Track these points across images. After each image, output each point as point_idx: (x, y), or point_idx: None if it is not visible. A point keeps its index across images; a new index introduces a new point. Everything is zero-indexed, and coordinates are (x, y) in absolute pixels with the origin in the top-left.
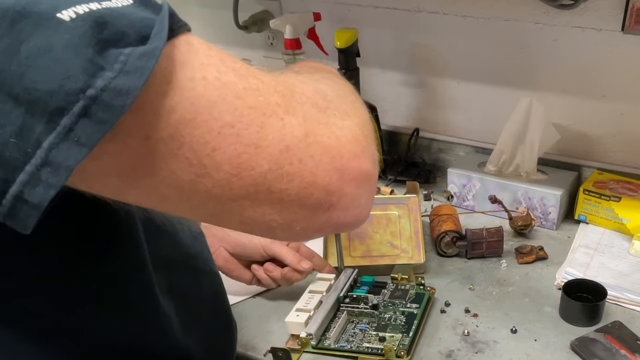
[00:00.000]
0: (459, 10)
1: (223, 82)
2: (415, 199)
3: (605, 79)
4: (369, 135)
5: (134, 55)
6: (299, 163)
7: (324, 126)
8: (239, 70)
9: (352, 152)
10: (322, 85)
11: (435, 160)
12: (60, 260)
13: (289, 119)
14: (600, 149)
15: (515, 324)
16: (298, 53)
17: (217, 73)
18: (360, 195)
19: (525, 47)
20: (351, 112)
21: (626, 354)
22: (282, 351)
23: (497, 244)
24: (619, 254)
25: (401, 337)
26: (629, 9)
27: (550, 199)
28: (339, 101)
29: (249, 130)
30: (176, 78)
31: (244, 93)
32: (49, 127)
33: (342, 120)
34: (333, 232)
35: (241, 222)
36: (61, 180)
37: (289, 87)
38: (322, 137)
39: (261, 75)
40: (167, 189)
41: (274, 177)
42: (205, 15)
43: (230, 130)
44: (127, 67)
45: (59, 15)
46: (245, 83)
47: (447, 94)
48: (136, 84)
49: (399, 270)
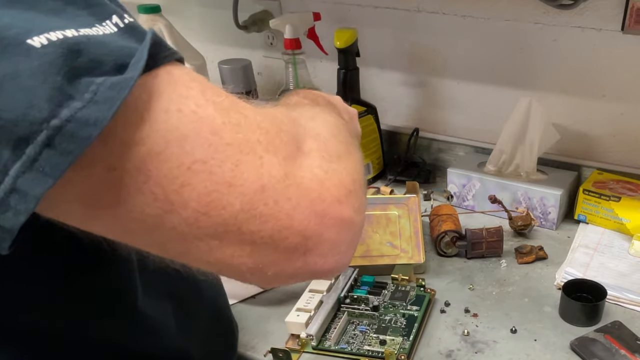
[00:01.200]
0: (459, 10)
1: (200, 116)
2: (415, 199)
3: (605, 79)
4: (359, 181)
5: (106, 85)
6: (274, 204)
7: (306, 168)
8: (221, 104)
9: (335, 196)
10: (317, 122)
11: (435, 160)
12: (47, 271)
13: (269, 157)
14: (600, 149)
15: (515, 324)
16: (298, 53)
17: (195, 106)
18: (341, 241)
19: (525, 47)
20: (343, 155)
21: (626, 354)
22: (282, 352)
23: (497, 244)
24: (618, 254)
25: (402, 340)
26: (629, 9)
27: (550, 199)
28: (332, 141)
29: (223, 168)
30: (149, 109)
31: (222, 128)
32: (15, 155)
33: (329, 162)
34: (309, 278)
35: (208, 262)
36: (29, 207)
37: (276, 124)
38: (303, 179)
39: (246, 110)
40: (131, 222)
41: (246, 217)
42: (205, 15)
43: (202, 167)
44: (97, 97)
45: (29, 41)
46: (225, 118)
47: (447, 94)
48: (105, 115)
49: (399, 270)
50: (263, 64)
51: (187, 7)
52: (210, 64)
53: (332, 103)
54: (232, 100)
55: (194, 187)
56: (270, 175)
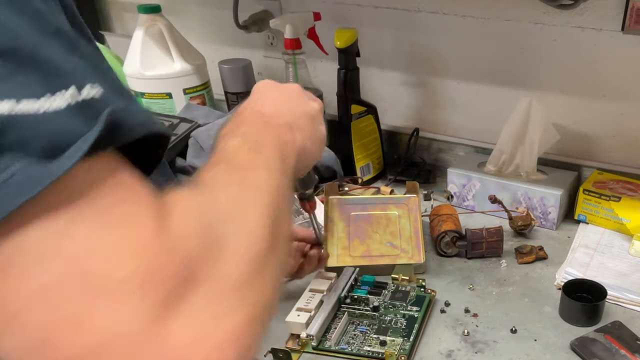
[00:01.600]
0: (459, 10)
1: (65, 245)
2: (415, 198)
3: (605, 79)
4: (261, 319)
5: (22, 173)
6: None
7: (182, 320)
8: (96, 231)
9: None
10: (240, 212)
11: (435, 160)
12: None
13: (132, 304)
14: (600, 149)
15: (515, 324)
16: (298, 53)
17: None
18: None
19: (525, 47)
20: (256, 275)
21: (626, 354)
22: (282, 352)
23: (497, 244)
24: (618, 254)
25: (402, 341)
26: (629, 9)
27: (550, 199)
28: (248, 253)
29: (69, 304)
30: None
31: (80, 258)
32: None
33: (223, 303)
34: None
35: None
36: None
37: (160, 255)
38: (170, 337)
39: (117, 250)
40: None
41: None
42: (205, 15)
43: (45, 296)
44: (9, 182)
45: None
46: (83, 263)
47: (447, 94)
48: (4, 207)
49: (399, 270)
50: (263, 64)
51: (187, 7)
52: (210, 64)
53: (281, 125)
54: (117, 246)
55: (31, 316)
56: (124, 328)
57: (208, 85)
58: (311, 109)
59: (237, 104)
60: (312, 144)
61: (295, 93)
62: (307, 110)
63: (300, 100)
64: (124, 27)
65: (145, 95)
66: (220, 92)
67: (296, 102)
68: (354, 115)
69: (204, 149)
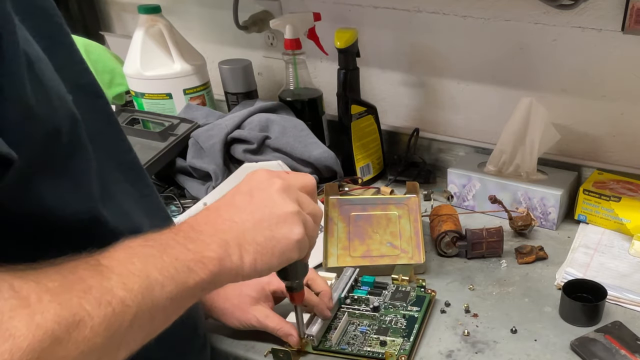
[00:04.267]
0: (459, 10)
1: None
2: (415, 199)
3: (605, 79)
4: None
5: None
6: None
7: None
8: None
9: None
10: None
11: (435, 160)
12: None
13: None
14: (600, 149)
15: (515, 324)
16: (298, 53)
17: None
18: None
19: (525, 47)
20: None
21: (626, 354)
22: (282, 352)
23: (497, 244)
24: (619, 254)
25: (402, 341)
26: (629, 9)
27: (550, 199)
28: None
29: None
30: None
31: None
32: None
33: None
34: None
35: None
36: None
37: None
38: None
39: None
40: None
41: None
42: (205, 15)
43: None
44: None
45: None
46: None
47: (447, 94)
48: None
49: (399, 270)
50: (263, 64)
51: (187, 7)
52: (210, 64)
53: (212, 243)
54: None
55: None
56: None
57: (208, 85)
58: (283, 212)
59: (236, 104)
60: (265, 253)
61: (269, 197)
62: (276, 214)
63: (270, 204)
64: (124, 28)
65: (145, 95)
66: (220, 92)
67: (258, 209)
68: (354, 115)
69: (204, 149)
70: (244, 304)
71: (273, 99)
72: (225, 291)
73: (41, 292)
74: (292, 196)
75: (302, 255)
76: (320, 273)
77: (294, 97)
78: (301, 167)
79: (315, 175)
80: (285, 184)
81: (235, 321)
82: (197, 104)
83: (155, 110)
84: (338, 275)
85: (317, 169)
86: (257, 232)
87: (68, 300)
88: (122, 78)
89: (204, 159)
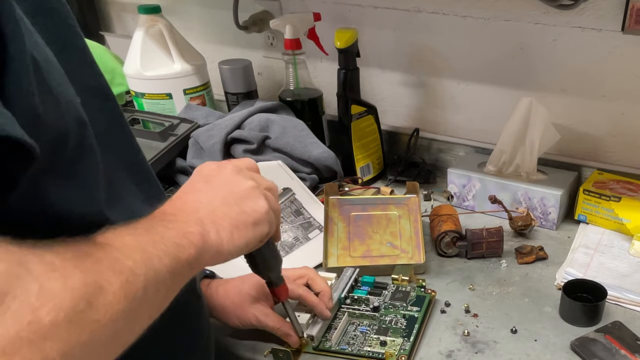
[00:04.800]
0: (458, 10)
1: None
2: (415, 199)
3: (605, 79)
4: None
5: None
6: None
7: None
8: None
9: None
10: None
11: (435, 160)
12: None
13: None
14: (600, 149)
15: (515, 324)
16: (298, 53)
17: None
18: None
19: (525, 47)
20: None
21: (626, 354)
22: (282, 352)
23: (497, 244)
24: (619, 254)
25: (402, 341)
26: (629, 9)
27: (550, 199)
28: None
29: None
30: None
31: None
32: None
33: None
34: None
35: None
36: None
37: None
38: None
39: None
40: None
41: None
42: (205, 15)
43: None
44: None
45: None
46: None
47: (447, 94)
48: None
49: (399, 270)
50: (263, 64)
51: (187, 7)
52: (210, 64)
53: (189, 221)
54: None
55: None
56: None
57: (208, 85)
58: (244, 188)
59: (236, 104)
60: (240, 226)
61: (225, 178)
62: (237, 191)
63: (228, 184)
64: (124, 28)
65: (145, 95)
66: (220, 92)
67: (219, 190)
68: (354, 115)
69: (204, 149)
70: (244, 303)
71: (273, 99)
72: (225, 290)
73: (63, 260)
74: (246, 175)
75: (273, 229)
76: (320, 273)
77: (294, 97)
78: (301, 167)
79: (316, 175)
80: (235, 166)
81: (235, 320)
82: (197, 104)
83: (155, 110)
84: (338, 275)
85: (317, 169)
86: (226, 208)
87: (88, 268)
88: (122, 78)
89: (204, 159)
